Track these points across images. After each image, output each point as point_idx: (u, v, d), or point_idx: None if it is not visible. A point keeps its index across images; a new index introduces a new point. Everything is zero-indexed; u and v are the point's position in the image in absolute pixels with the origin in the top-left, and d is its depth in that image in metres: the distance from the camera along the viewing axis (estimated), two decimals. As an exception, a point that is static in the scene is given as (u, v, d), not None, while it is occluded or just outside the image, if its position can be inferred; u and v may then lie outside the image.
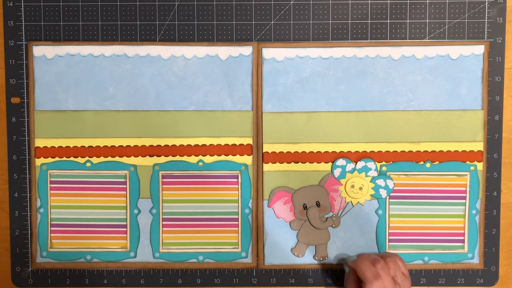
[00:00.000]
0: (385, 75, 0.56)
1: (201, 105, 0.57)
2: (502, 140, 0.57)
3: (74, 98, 0.57)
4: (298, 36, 0.57)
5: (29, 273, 0.58)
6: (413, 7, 0.56)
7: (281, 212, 0.58)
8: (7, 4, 0.56)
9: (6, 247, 0.59)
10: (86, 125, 0.57)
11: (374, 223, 0.58)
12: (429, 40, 0.56)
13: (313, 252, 0.58)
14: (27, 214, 0.58)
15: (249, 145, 0.57)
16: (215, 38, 0.57)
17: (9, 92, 0.57)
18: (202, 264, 0.58)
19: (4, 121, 0.57)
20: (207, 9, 0.57)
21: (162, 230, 0.58)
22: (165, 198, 0.58)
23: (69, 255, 0.58)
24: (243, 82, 0.57)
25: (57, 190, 0.58)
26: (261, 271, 0.59)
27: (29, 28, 0.57)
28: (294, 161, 0.57)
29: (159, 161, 0.57)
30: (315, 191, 0.57)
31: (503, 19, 0.56)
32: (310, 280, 0.58)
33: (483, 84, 0.56)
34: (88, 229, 0.58)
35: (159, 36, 0.57)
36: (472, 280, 0.58)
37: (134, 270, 0.58)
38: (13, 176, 0.58)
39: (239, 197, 0.58)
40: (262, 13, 0.56)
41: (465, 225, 0.57)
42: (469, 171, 0.57)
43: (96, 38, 0.57)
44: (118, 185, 0.58)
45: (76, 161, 0.57)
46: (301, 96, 0.57)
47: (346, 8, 0.56)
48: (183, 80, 0.57)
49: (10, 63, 0.57)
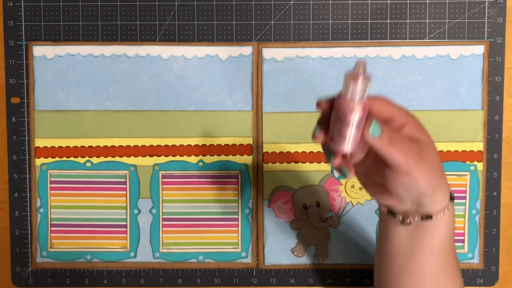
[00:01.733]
0: (385, 75, 0.56)
1: (201, 105, 0.57)
2: (502, 140, 0.57)
3: (74, 98, 0.57)
4: (298, 36, 0.57)
5: (29, 273, 0.58)
6: (413, 7, 0.56)
7: (281, 212, 0.58)
8: (7, 4, 0.56)
9: (6, 247, 0.59)
10: (86, 125, 0.57)
11: (374, 223, 0.58)
12: (429, 40, 0.56)
13: (313, 252, 0.58)
14: (27, 214, 0.58)
15: (249, 145, 0.57)
16: (215, 38, 0.57)
17: (9, 92, 0.57)
18: (202, 264, 0.58)
19: (4, 121, 0.57)
20: (207, 9, 0.57)
21: (162, 230, 0.58)
22: (165, 198, 0.58)
23: (69, 255, 0.58)
24: (243, 82, 0.57)
25: (57, 190, 0.58)
26: (261, 271, 0.59)
27: (29, 28, 0.57)
28: (294, 161, 0.57)
29: (159, 161, 0.57)
30: (315, 191, 0.57)
31: (503, 19, 0.56)
32: (310, 280, 0.58)
33: (483, 84, 0.56)
34: (88, 229, 0.58)
35: (159, 36, 0.57)
36: (472, 280, 0.58)
37: (134, 270, 0.58)
38: (13, 176, 0.58)
39: (239, 197, 0.58)
40: (262, 13, 0.56)
41: (465, 225, 0.57)
42: (469, 171, 0.57)
43: (96, 38, 0.57)
44: (118, 185, 0.58)
45: (76, 161, 0.57)
46: (301, 96, 0.57)
47: (346, 8, 0.56)
48: (183, 80, 0.57)
49: (10, 63, 0.57)
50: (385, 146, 0.34)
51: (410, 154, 0.35)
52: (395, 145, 0.34)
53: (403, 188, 0.36)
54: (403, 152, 0.34)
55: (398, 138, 0.35)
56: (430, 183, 0.36)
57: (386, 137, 0.34)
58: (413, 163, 0.35)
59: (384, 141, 0.34)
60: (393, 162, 0.34)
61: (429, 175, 0.36)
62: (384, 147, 0.34)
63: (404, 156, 0.34)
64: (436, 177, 0.37)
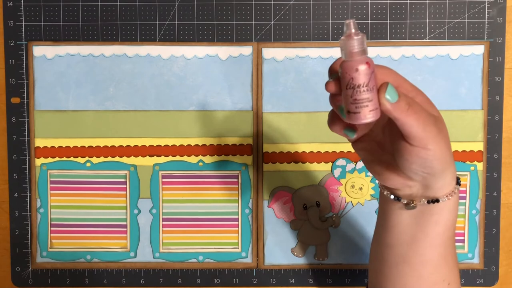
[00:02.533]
0: (385, 75, 0.56)
1: (201, 105, 0.57)
2: (502, 140, 0.57)
3: (74, 98, 0.57)
4: (298, 36, 0.57)
5: (29, 273, 0.58)
6: (413, 7, 0.56)
7: (281, 212, 0.58)
8: (7, 4, 0.56)
9: (6, 247, 0.59)
10: (86, 125, 0.57)
11: (374, 223, 0.57)
12: (429, 40, 0.56)
13: (313, 252, 0.58)
14: (27, 214, 0.58)
15: (249, 145, 0.57)
16: (215, 38, 0.57)
17: (9, 92, 0.57)
18: (202, 264, 0.58)
19: (4, 121, 0.57)
20: (207, 9, 0.57)
21: (162, 230, 0.58)
22: (165, 198, 0.58)
23: (69, 255, 0.58)
24: (243, 82, 0.57)
25: (57, 190, 0.58)
26: (261, 271, 0.59)
27: (29, 28, 0.57)
28: (294, 161, 0.57)
29: (159, 161, 0.57)
30: (315, 191, 0.57)
31: (503, 19, 0.56)
32: (310, 280, 0.58)
33: (483, 84, 0.56)
34: (88, 229, 0.58)
35: (159, 36, 0.57)
36: (472, 280, 0.58)
37: (134, 270, 0.58)
38: (13, 176, 0.58)
39: (239, 197, 0.58)
40: (262, 13, 0.56)
41: (465, 225, 0.57)
42: (469, 171, 0.57)
43: (96, 38, 0.57)
44: (118, 185, 0.58)
45: (76, 161, 0.57)
46: (301, 96, 0.57)
47: (346, 8, 0.56)
48: (183, 80, 0.57)
49: (10, 63, 0.57)
50: (404, 113, 0.31)
51: (429, 124, 0.32)
52: (414, 112, 0.31)
53: (416, 164, 0.33)
54: (422, 121, 0.31)
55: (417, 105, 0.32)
56: (444, 161, 0.34)
57: (404, 103, 0.31)
58: (432, 135, 0.32)
59: (403, 107, 0.31)
60: (411, 132, 0.31)
61: (445, 151, 0.33)
62: (403, 114, 0.31)
63: (423, 126, 0.31)
64: (449, 155, 0.35)
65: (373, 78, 0.31)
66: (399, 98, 0.31)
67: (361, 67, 0.31)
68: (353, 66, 0.31)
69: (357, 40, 0.31)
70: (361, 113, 0.31)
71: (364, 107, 0.31)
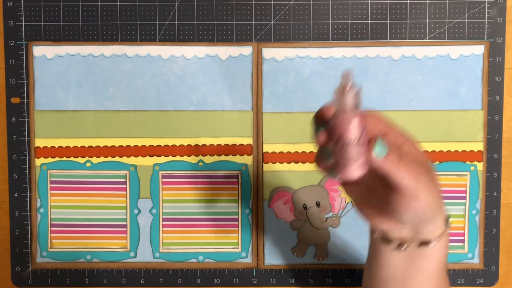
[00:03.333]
0: (385, 75, 0.56)
1: (201, 105, 0.57)
2: (502, 140, 0.57)
3: (74, 98, 0.57)
4: (298, 36, 0.57)
5: (29, 273, 0.58)
6: (413, 7, 0.56)
7: (281, 212, 0.58)
8: (7, 4, 0.56)
9: (6, 247, 0.59)
10: (86, 125, 0.57)
11: (374, 223, 0.57)
12: (429, 40, 0.56)
13: (313, 252, 0.58)
14: (27, 214, 0.58)
15: (249, 145, 0.57)
16: (215, 38, 0.57)
17: (9, 92, 0.57)
18: (202, 264, 0.58)
19: (4, 121, 0.57)
20: (207, 9, 0.57)
21: (162, 230, 0.58)
22: (165, 198, 0.58)
23: (69, 255, 0.58)
24: (243, 82, 0.57)
25: (57, 190, 0.58)
26: (261, 271, 0.59)
27: (29, 28, 0.57)
28: (294, 161, 0.57)
29: (159, 161, 0.57)
30: (315, 191, 0.57)
31: (503, 19, 0.56)
32: (310, 280, 0.58)
33: (483, 84, 0.56)
34: (88, 229, 0.58)
35: (159, 36, 0.57)
36: (472, 280, 0.58)
37: (134, 270, 0.58)
38: (13, 176, 0.58)
39: (239, 197, 0.58)
40: (262, 13, 0.56)
41: (465, 225, 0.57)
42: (469, 171, 0.57)
43: (96, 38, 0.57)
44: (118, 185, 0.58)
45: (76, 161, 0.57)
46: (301, 96, 0.57)
47: (346, 8, 0.56)
48: (183, 80, 0.57)
49: (10, 63, 0.57)
50: (395, 167, 0.31)
51: (420, 175, 0.32)
52: (405, 164, 0.31)
53: (407, 214, 0.33)
54: (414, 173, 0.31)
55: (407, 156, 0.32)
56: (435, 209, 0.34)
57: (394, 155, 0.31)
58: (423, 185, 0.32)
59: (393, 161, 0.31)
60: (402, 184, 0.31)
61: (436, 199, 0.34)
62: (394, 168, 0.31)
63: (415, 177, 0.31)
64: (440, 202, 0.35)
65: (364, 133, 0.31)
66: (389, 152, 0.31)
67: (354, 122, 0.31)
68: (347, 120, 0.31)
69: (353, 94, 0.31)
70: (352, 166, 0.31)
71: (355, 161, 0.31)
